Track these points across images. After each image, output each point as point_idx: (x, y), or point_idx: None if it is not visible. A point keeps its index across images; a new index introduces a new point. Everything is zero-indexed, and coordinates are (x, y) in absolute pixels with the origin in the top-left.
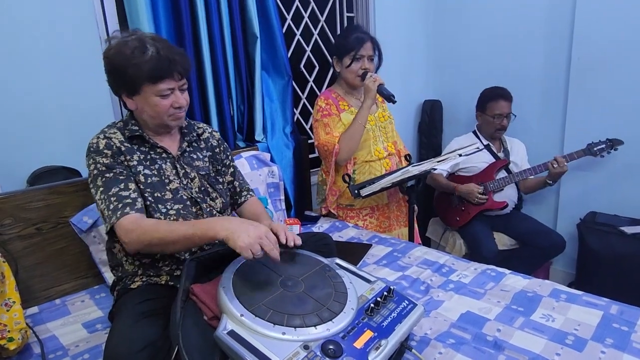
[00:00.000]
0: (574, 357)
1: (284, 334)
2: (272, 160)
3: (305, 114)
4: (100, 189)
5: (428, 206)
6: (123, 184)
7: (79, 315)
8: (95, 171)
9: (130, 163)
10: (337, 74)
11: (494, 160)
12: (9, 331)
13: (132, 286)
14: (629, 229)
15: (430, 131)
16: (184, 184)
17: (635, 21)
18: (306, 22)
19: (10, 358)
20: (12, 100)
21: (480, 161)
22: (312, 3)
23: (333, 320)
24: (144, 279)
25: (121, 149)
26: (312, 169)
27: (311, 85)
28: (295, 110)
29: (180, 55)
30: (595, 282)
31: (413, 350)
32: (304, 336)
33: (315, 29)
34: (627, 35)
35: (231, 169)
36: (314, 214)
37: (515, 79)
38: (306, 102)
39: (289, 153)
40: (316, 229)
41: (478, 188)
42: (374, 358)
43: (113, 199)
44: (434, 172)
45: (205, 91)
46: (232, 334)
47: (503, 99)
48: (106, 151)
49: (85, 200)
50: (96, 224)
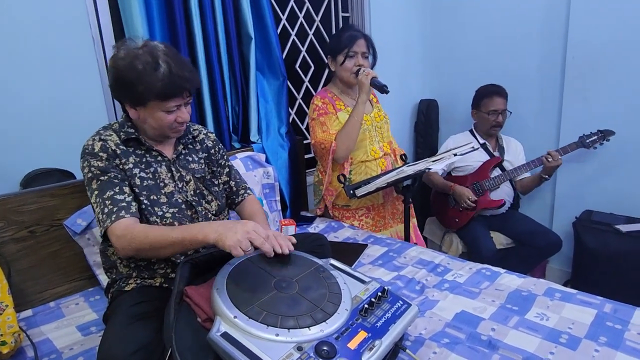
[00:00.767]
0: (568, 355)
1: (277, 335)
2: (267, 161)
3: (301, 114)
4: (95, 192)
5: (424, 205)
6: (118, 187)
7: (73, 318)
8: (89, 174)
9: (125, 166)
10: (332, 74)
11: (488, 159)
12: (1, 335)
13: (126, 288)
14: (624, 227)
15: (426, 130)
16: (179, 187)
17: (628, 22)
18: (301, 22)
19: None
20: (5, 102)
21: (475, 160)
22: (307, 3)
23: (327, 321)
24: (138, 281)
25: (116, 151)
26: (308, 170)
27: (307, 86)
28: (290, 110)
29: (191, 73)
30: (592, 281)
31: (407, 351)
32: (297, 337)
33: (311, 29)
34: (620, 35)
35: (227, 169)
36: (309, 215)
37: (511, 78)
38: (302, 102)
39: (285, 154)
40: (312, 229)
41: (471, 196)
42: (367, 359)
43: (108, 202)
44: (429, 171)
45: (201, 92)
46: (225, 335)
47: (498, 95)
48: (101, 154)
49: (79, 203)
50: (90, 226)
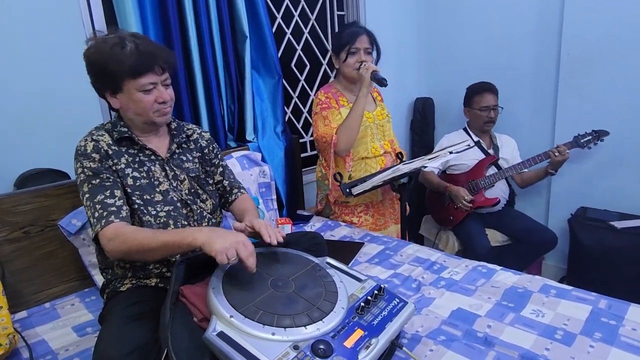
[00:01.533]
0: (563, 351)
1: (273, 334)
2: (263, 159)
3: (297, 113)
4: (87, 195)
5: (421, 204)
6: (109, 191)
7: (68, 319)
8: (82, 176)
9: (117, 167)
10: (337, 71)
11: (483, 157)
12: None
13: (121, 289)
14: (619, 224)
15: (422, 129)
16: (173, 185)
17: (621, 19)
18: (296, 20)
19: None
20: None
21: (470, 158)
22: (302, 2)
23: (323, 319)
24: (133, 282)
25: (108, 152)
26: (305, 168)
27: (302, 84)
28: (286, 109)
29: (161, 49)
30: (587, 277)
31: (404, 348)
32: (294, 336)
33: (306, 28)
34: (614, 31)
35: (220, 168)
36: (306, 213)
37: (506, 75)
38: (297, 101)
39: (281, 152)
40: (308, 228)
41: (468, 196)
42: (364, 357)
43: (98, 206)
44: (425, 170)
45: (195, 91)
46: (221, 335)
47: (488, 91)
48: (94, 155)
49: (74, 203)
50: (85, 226)
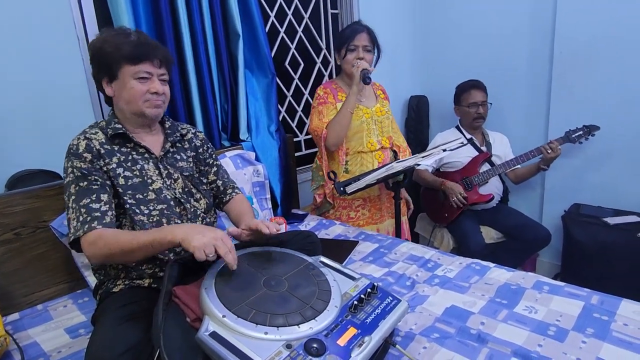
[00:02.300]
0: (556, 347)
1: (266, 333)
2: (257, 159)
3: (291, 112)
4: (73, 197)
5: (416, 202)
6: (95, 195)
7: (61, 321)
8: (71, 175)
9: (109, 167)
10: (339, 67)
11: (476, 154)
12: None
13: (114, 289)
14: (612, 220)
15: (417, 127)
16: (167, 184)
17: (613, 17)
18: (290, 19)
19: None
20: None
21: (463, 156)
22: (296, 0)
23: (316, 318)
24: (126, 282)
25: (100, 151)
26: (299, 167)
27: (296, 83)
28: (280, 108)
29: (162, 46)
30: (581, 273)
31: (397, 346)
32: (286, 335)
33: (300, 27)
34: (606, 30)
35: (214, 168)
36: (300, 212)
37: (499, 73)
38: (292, 99)
39: (275, 151)
40: (303, 227)
41: (462, 191)
42: (357, 355)
43: (83, 210)
44: (419, 167)
45: (189, 91)
46: (213, 335)
47: (475, 88)
48: (85, 154)
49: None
50: None
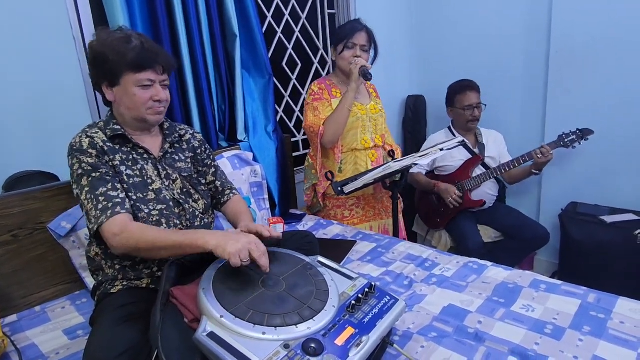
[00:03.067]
0: (553, 345)
1: (264, 333)
2: (254, 159)
3: (289, 112)
4: (86, 188)
5: (414, 202)
6: (110, 184)
7: (59, 322)
8: (80, 170)
9: (113, 162)
10: (334, 64)
11: (469, 157)
12: None
13: (112, 291)
14: (609, 218)
15: (414, 126)
16: (166, 184)
17: (609, 18)
18: (287, 19)
19: None
20: None
21: (456, 159)
22: (293, 0)
23: (314, 318)
24: (124, 283)
25: (104, 148)
26: (296, 167)
27: (294, 83)
28: (278, 108)
29: (164, 51)
30: (578, 272)
31: (395, 345)
32: (284, 335)
33: (297, 27)
34: (602, 31)
35: (212, 169)
36: (298, 212)
37: (496, 73)
38: (289, 100)
39: (272, 152)
40: (301, 227)
41: (457, 192)
42: (355, 354)
43: (101, 198)
44: (415, 168)
45: (186, 91)
46: (211, 335)
47: (470, 89)
48: (91, 150)
49: (63, 205)
50: (75, 228)
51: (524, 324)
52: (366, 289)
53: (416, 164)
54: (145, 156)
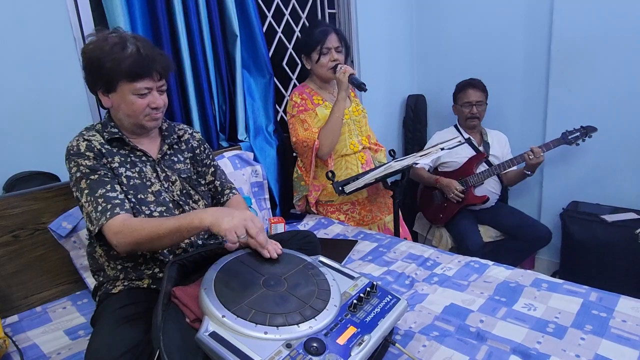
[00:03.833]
0: (555, 344)
1: (266, 333)
2: (255, 159)
3: None
4: (86, 191)
5: (414, 201)
6: (109, 185)
7: (60, 322)
8: (78, 173)
9: (112, 165)
10: (308, 72)
11: (473, 154)
12: None
13: (113, 291)
14: (610, 217)
15: (415, 126)
16: (165, 186)
17: (611, 15)
18: (287, 19)
19: None
20: None
21: (460, 155)
22: (293, 0)
23: (316, 317)
24: (125, 283)
25: (102, 150)
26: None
27: (294, 83)
28: (278, 108)
29: (161, 55)
30: (579, 271)
31: (397, 345)
32: (286, 335)
33: (297, 27)
34: (603, 28)
35: (212, 168)
36: (299, 212)
37: (497, 72)
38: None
39: (273, 151)
40: (301, 226)
41: (459, 185)
42: (356, 353)
43: (101, 200)
44: (416, 166)
45: (186, 91)
46: (213, 335)
47: (471, 87)
48: (88, 153)
49: (64, 206)
50: (76, 229)
51: (526, 323)
52: (368, 289)
53: (417, 164)
54: (144, 158)
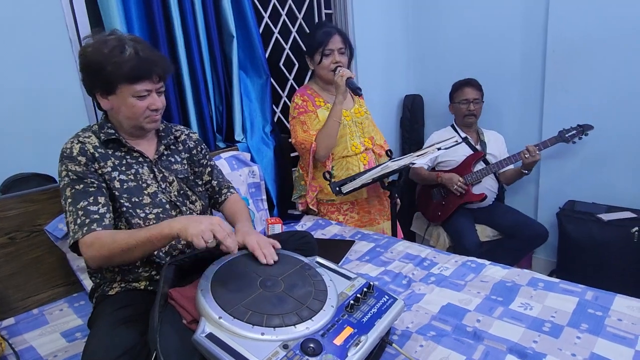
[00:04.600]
0: (551, 343)
1: (263, 334)
2: (252, 160)
3: (286, 112)
4: (69, 200)
5: (411, 201)
6: (92, 197)
7: (57, 325)
8: (66, 179)
9: (104, 170)
10: (312, 72)
11: (471, 153)
12: None
13: (110, 292)
14: (606, 216)
15: (412, 126)
16: (162, 187)
17: (606, 14)
18: (284, 20)
19: None
20: None
21: (458, 154)
22: (290, 1)
23: (313, 318)
24: (122, 285)
25: (95, 155)
26: (294, 168)
27: (291, 84)
28: (275, 108)
29: (160, 57)
30: (576, 270)
31: (394, 345)
32: (283, 335)
33: (294, 27)
34: (599, 28)
35: (209, 168)
36: (297, 213)
37: (493, 71)
38: (287, 100)
39: (270, 152)
40: (299, 227)
41: (460, 179)
42: (353, 354)
43: (81, 213)
44: (414, 166)
45: (183, 92)
46: (210, 336)
47: (467, 85)
48: (79, 158)
49: (60, 207)
50: None
51: (522, 322)
52: (365, 289)
53: (414, 164)
54: (140, 159)
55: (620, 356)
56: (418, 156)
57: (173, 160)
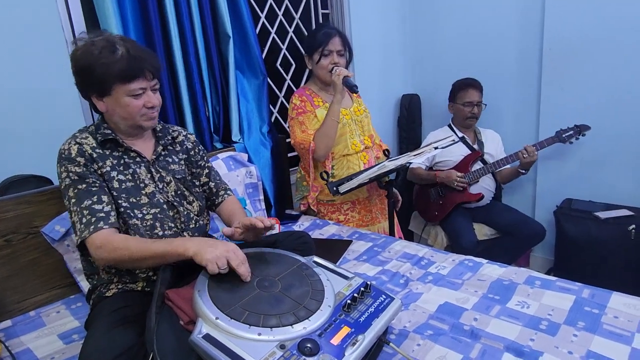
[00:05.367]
0: (548, 341)
1: (259, 334)
2: (249, 160)
3: (283, 112)
4: (73, 200)
5: (409, 201)
6: (96, 197)
7: (54, 327)
8: (67, 180)
9: (102, 169)
10: (310, 72)
11: (468, 153)
12: None
13: (107, 294)
14: (603, 214)
15: (409, 125)
16: (159, 187)
17: (602, 13)
18: (281, 20)
19: None
20: None
21: (456, 154)
22: (286, 1)
23: (310, 318)
24: (119, 286)
25: (93, 155)
26: (292, 168)
27: (288, 84)
28: (273, 109)
29: (150, 54)
30: (573, 268)
31: (391, 344)
32: (280, 336)
33: (290, 27)
34: (595, 27)
35: (206, 170)
36: (294, 213)
37: (490, 71)
38: (284, 100)
39: (267, 152)
40: (297, 227)
41: (459, 174)
42: (351, 353)
43: (86, 212)
44: (412, 166)
45: (179, 93)
46: (207, 337)
47: (472, 87)
48: (78, 159)
49: (57, 209)
50: (69, 232)
51: (519, 321)
52: (362, 288)
53: (411, 163)
54: (138, 159)
55: (617, 354)
56: (415, 155)
57: (170, 160)
